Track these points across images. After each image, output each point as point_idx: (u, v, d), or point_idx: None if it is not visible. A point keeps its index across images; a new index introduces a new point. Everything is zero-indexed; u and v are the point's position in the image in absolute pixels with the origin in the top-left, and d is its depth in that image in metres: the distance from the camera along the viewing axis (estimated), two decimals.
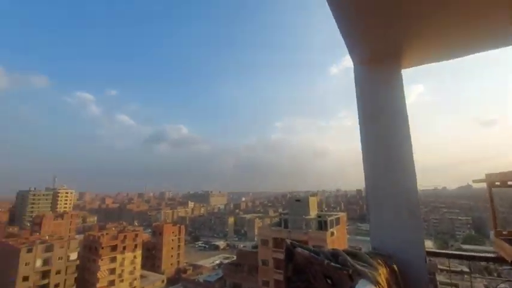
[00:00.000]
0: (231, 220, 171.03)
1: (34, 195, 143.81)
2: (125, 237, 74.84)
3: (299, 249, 1.26)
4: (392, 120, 2.13)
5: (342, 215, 55.31)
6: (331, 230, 45.71)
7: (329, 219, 46.82)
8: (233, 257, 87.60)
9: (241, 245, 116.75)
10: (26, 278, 55.58)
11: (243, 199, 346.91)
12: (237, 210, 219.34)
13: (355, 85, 2.32)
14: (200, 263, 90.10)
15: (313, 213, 51.03)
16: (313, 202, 53.12)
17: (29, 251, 57.02)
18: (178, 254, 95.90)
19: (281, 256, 37.06)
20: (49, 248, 60.34)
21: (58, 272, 60.69)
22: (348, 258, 1.27)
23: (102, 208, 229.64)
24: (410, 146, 2.03)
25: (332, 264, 1.22)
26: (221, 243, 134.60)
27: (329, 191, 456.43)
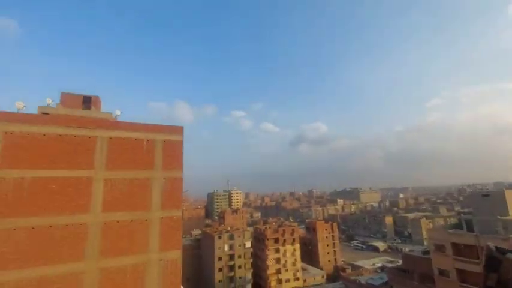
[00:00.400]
0: (388, 219, 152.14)
1: (217, 196, 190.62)
2: (284, 231, 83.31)
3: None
4: None
5: None
6: None
7: None
8: (398, 262, 76.79)
9: (406, 249, 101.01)
10: (220, 258, 73.42)
11: (401, 196, 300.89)
12: (395, 209, 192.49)
13: None
14: (359, 263, 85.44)
15: None
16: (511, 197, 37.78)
17: (219, 237, 74.98)
18: (334, 251, 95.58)
19: (470, 267, 28.51)
20: (231, 237, 76.80)
21: (239, 256, 75.91)
22: None
23: (263, 206, 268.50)
24: None
25: None
26: (380, 245, 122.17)
27: None
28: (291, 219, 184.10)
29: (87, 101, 17.04)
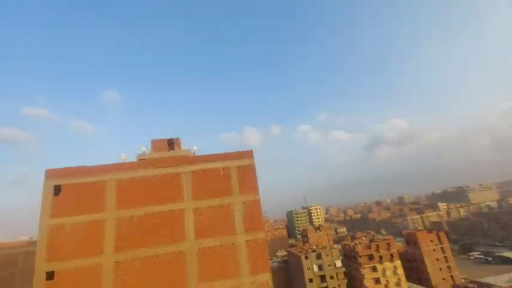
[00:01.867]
0: None
1: (296, 214, 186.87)
2: (378, 246, 74.45)
3: None
4: None
5: None
6: None
7: None
8: None
9: None
10: (310, 280, 69.98)
11: None
12: None
13: None
14: (489, 280, 68.32)
15: None
16: None
17: (306, 257, 72.12)
18: (449, 266, 79.39)
19: None
20: (319, 256, 72.92)
21: (331, 277, 70.79)
22: None
23: (347, 219, 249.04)
24: None
25: None
26: None
27: None
28: (384, 232, 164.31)
29: (171, 143, 19.73)
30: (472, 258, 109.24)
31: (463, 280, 77.73)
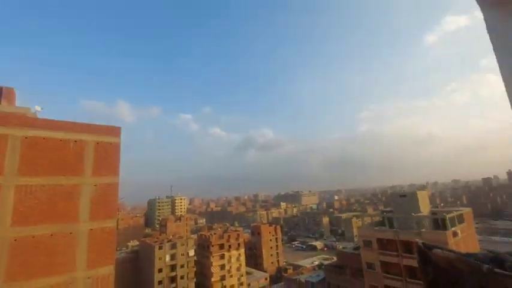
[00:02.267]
0: (325, 220, 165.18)
1: (159, 202, 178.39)
2: (229, 236, 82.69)
3: (438, 251, 0.96)
4: None
5: (467, 211, 44.78)
6: (453, 229, 37.45)
7: (448, 216, 38.54)
8: (333, 258, 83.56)
9: (340, 246, 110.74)
10: (160, 270, 68.61)
11: (336, 197, 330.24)
12: (331, 210, 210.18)
13: (490, 36, 1.54)
14: (299, 263, 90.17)
15: (425, 210, 43.28)
16: (423, 197, 45.12)
17: (160, 247, 70.18)
18: (277, 253, 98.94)
19: (390, 259, 32.52)
20: (174, 246, 72.66)
21: (182, 266, 72.23)
22: None
23: (208, 211, 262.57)
24: None
25: (497, 270, 0.92)
26: (318, 244, 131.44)
27: (443, 183, 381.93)
28: (237, 224, 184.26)
29: None
30: (293, 246, 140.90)
31: (285, 263, 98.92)
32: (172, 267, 70.89)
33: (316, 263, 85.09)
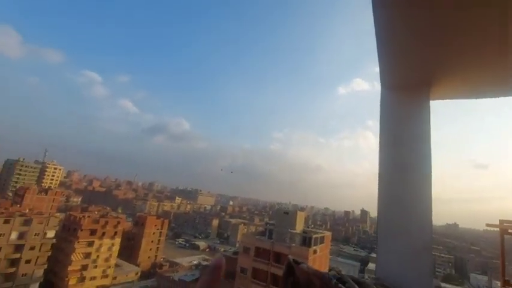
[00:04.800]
0: (215, 222, 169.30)
1: (21, 166, 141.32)
2: (106, 222, 73.54)
3: (304, 266, 1.23)
4: (414, 149, 2.07)
5: (327, 234, 54.98)
6: (315, 247, 45.32)
7: (314, 236, 46.49)
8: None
9: (222, 249, 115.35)
10: None
11: (231, 203, 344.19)
12: (223, 213, 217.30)
13: (381, 109, 2.26)
14: (178, 260, 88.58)
15: (299, 228, 50.66)
16: (300, 217, 52.80)
17: (6, 221, 55.71)
18: (158, 248, 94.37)
19: (261, 266, 36.41)
20: (27, 222, 59.00)
21: (32, 248, 59.20)
22: (355, 285, 1.22)
23: (88, 190, 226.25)
24: (430, 178, 1.96)
25: (341, 286, 1.17)
26: (202, 244, 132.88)
27: (318, 208, 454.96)
28: (120, 211, 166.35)
29: None
30: (177, 243, 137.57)
31: (162, 259, 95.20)
32: (18, 248, 57.25)
33: (195, 262, 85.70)
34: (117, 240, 75.22)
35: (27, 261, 58.34)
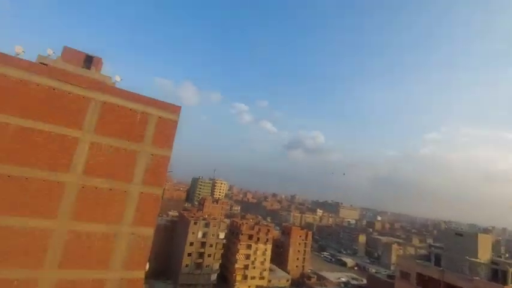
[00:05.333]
0: (362, 238, 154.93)
1: (201, 182, 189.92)
2: (259, 229, 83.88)
3: None
4: None
5: None
6: None
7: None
8: (362, 280, 78.32)
9: (373, 270, 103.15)
10: (191, 244, 73.52)
11: (379, 218, 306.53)
12: (370, 229, 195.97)
13: None
14: (325, 274, 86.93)
15: (483, 256, 37.33)
16: (484, 241, 38.92)
17: (195, 223, 74.97)
18: (304, 258, 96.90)
19: None
20: (207, 225, 76.89)
21: (211, 245, 76.12)
22: None
23: (244, 201, 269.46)
24: None
25: None
26: (349, 261, 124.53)
27: None
28: (269, 220, 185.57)
29: (89, 60, 16.57)
30: (322, 256, 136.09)
31: (309, 270, 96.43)
32: (202, 244, 75.21)
33: (343, 279, 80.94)
34: (269, 246, 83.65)
35: (209, 255, 75.37)
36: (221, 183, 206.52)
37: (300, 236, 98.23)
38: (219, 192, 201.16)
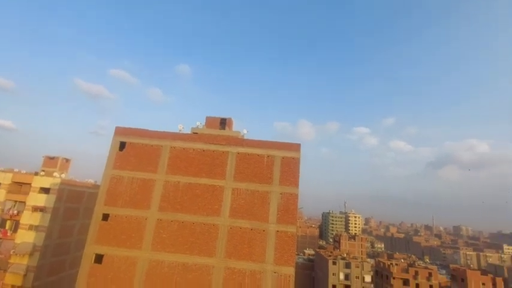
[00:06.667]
0: None
1: (332, 216, 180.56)
2: (416, 272, 67.90)
3: None
4: None
5: None
6: None
7: None
8: None
9: None
10: (334, 286, 67.95)
11: None
12: None
13: None
14: None
15: None
16: None
17: (334, 263, 69.88)
18: None
19: None
20: (348, 265, 69.95)
21: None
22: None
23: (387, 236, 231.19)
24: None
25: None
26: None
27: None
28: (427, 260, 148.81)
29: (223, 122, 20.56)
30: None
31: None
32: (346, 287, 68.03)
33: None
34: None
35: None
36: (355, 217, 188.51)
37: (484, 284, 71.58)
38: (355, 226, 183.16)
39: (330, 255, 75.36)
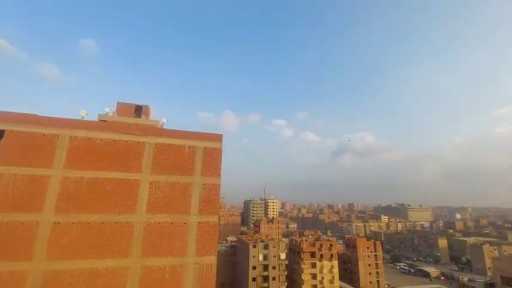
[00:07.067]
0: (442, 242, 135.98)
1: (253, 203, 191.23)
2: (321, 245, 79.62)
3: None
4: None
5: None
6: None
7: None
8: None
9: (465, 278, 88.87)
10: (254, 268, 72.89)
11: (458, 216, 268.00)
12: (451, 230, 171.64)
13: None
14: None
15: None
16: None
17: (254, 246, 74.65)
18: (377, 272, 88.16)
19: None
20: (266, 246, 75.92)
21: (273, 268, 74.43)
22: None
23: (299, 217, 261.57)
24: None
25: None
26: (432, 270, 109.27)
27: None
28: (329, 234, 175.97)
29: (139, 110, 18.57)
30: (398, 267, 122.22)
31: (387, 286, 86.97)
32: (265, 267, 74.01)
33: None
34: (335, 263, 78.45)
35: (273, 279, 73.53)
36: (273, 202, 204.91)
37: (368, 248, 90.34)
38: (273, 211, 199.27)
39: (250, 240, 79.94)
